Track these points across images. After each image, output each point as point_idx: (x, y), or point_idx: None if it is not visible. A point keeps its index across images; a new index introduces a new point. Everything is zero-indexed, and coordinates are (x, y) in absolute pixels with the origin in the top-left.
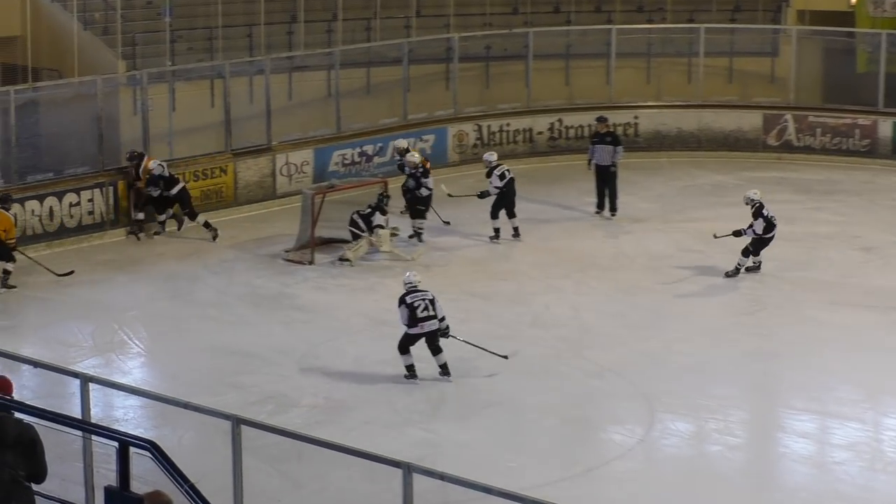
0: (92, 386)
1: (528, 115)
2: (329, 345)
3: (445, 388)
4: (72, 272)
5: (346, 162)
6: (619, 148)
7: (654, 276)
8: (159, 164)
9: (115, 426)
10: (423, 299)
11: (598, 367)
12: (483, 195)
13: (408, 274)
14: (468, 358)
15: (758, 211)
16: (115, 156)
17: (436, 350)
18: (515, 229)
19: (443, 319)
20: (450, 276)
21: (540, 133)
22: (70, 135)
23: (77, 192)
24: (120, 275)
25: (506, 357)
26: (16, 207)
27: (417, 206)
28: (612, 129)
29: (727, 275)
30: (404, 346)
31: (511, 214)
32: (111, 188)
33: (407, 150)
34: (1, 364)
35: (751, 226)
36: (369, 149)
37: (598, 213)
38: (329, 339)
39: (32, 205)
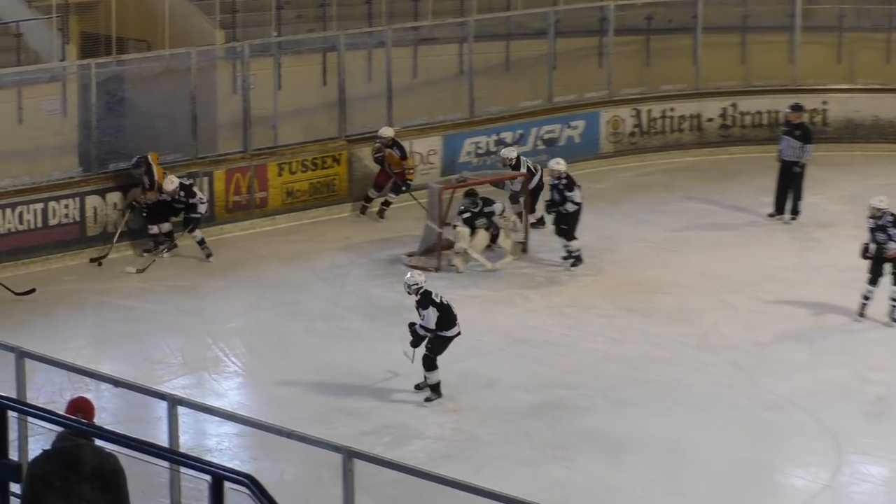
0: (181, 409)
1: (696, 99)
2: (458, 366)
3: (593, 419)
4: (32, 290)
5: (480, 151)
6: (808, 147)
7: (845, 292)
8: (181, 182)
9: (208, 457)
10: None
11: (777, 399)
12: (559, 210)
13: (410, 275)
14: (620, 385)
15: None
16: (211, 141)
17: None
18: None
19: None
20: (601, 287)
21: (710, 120)
22: (159, 116)
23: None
24: (214, 280)
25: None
26: (95, 199)
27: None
28: (803, 122)
29: None
30: (435, 355)
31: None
32: (206, 179)
33: (517, 160)
34: (78, 381)
35: None
36: (507, 136)
37: (774, 216)
38: (458, 359)
39: (114, 197)
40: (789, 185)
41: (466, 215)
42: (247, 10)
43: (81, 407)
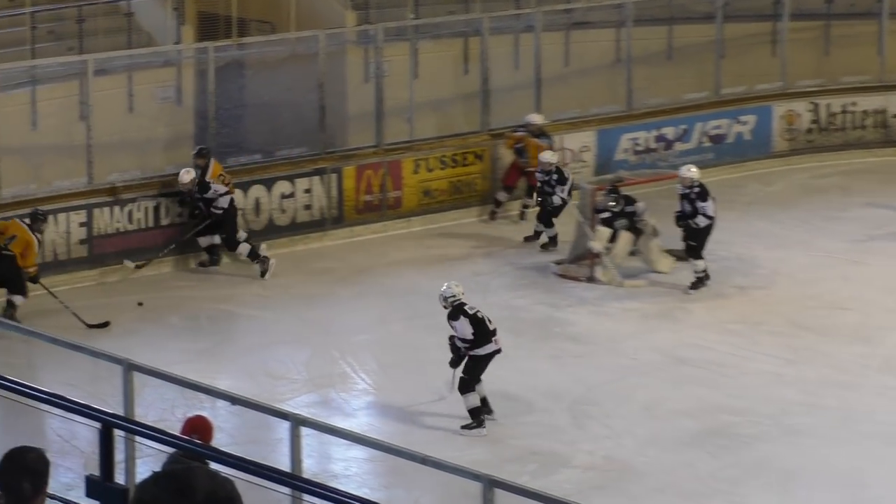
0: (305, 431)
1: (881, 92)
2: (612, 387)
3: (763, 449)
4: (107, 324)
5: (639, 148)
6: None
7: None
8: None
9: (334, 483)
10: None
11: None
12: (689, 223)
13: (447, 286)
14: (793, 411)
15: None
16: (340, 135)
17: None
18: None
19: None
20: (772, 301)
21: None
22: (283, 106)
23: (291, 179)
24: (343, 288)
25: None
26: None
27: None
28: None
29: None
30: (474, 376)
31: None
32: (335, 176)
33: (558, 168)
34: (192, 397)
35: None
36: (669, 132)
37: None
38: (612, 379)
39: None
40: None
41: (605, 215)
42: None
43: (198, 426)
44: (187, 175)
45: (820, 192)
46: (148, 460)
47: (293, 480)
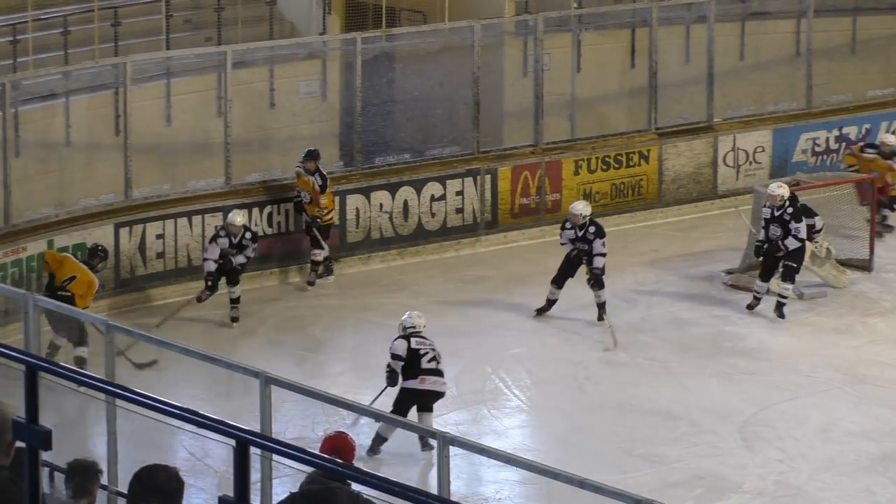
0: (454, 450)
1: None
2: (785, 407)
3: None
4: (154, 362)
5: (819, 149)
6: None
7: None
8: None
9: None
10: (432, 348)
11: None
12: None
13: (409, 315)
14: None
15: None
16: (495, 133)
17: (426, 414)
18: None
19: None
20: None
21: None
22: (435, 102)
23: (442, 181)
24: (496, 297)
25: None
26: (358, 199)
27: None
28: None
29: None
30: (397, 410)
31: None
32: (489, 177)
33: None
34: (333, 414)
35: None
36: (851, 131)
37: None
38: (787, 398)
39: (381, 196)
40: None
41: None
42: None
43: (339, 446)
44: (240, 217)
45: None
46: (285, 480)
47: (440, 503)
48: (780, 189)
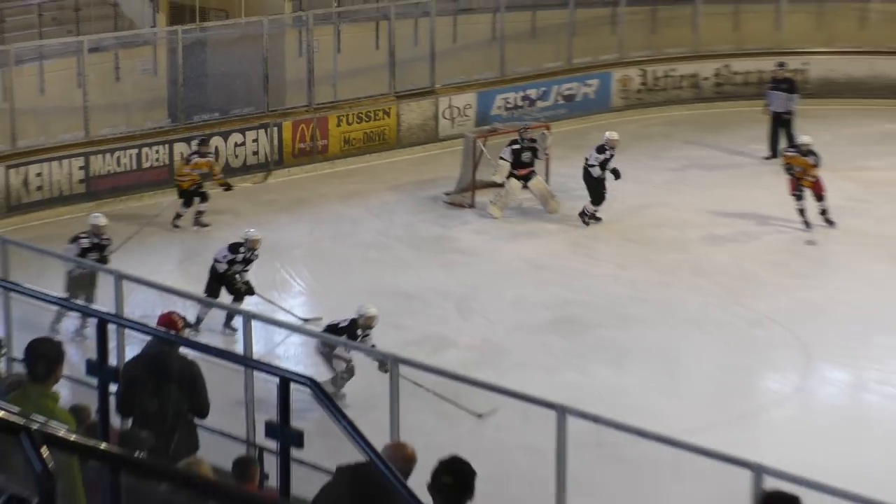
0: (255, 322)
1: (694, 61)
2: (488, 287)
3: (602, 332)
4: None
5: (509, 106)
6: (795, 96)
7: (819, 225)
8: None
9: (276, 363)
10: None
11: (758, 316)
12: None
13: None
14: (625, 304)
15: None
16: (280, 97)
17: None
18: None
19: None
20: (609, 223)
21: (706, 79)
22: (236, 75)
23: (242, 132)
24: (283, 215)
25: (479, 416)
26: (181, 146)
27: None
28: (788, 76)
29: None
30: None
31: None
32: (276, 129)
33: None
34: (167, 298)
35: None
36: (533, 93)
37: (769, 158)
38: (488, 282)
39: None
40: (781, 131)
41: (515, 146)
42: None
43: (169, 320)
44: (103, 219)
45: (647, 138)
46: (135, 346)
47: (245, 361)
48: (614, 133)
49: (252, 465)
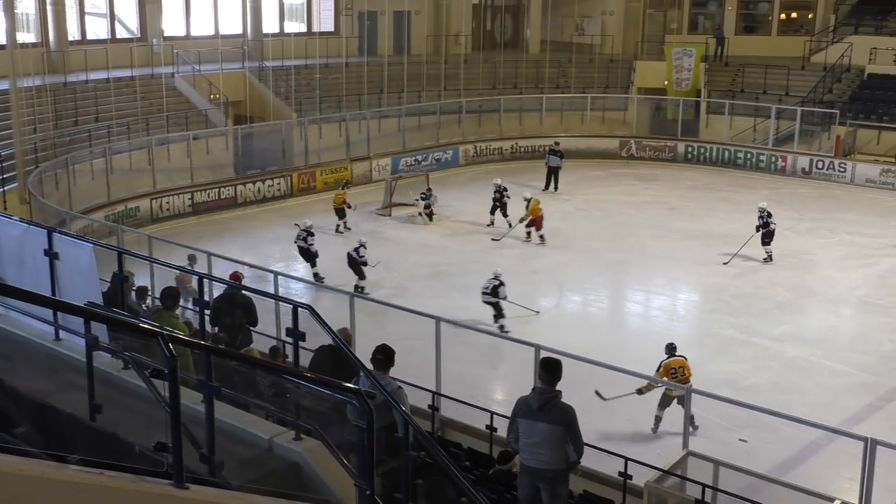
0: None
1: (500, 140)
2: (400, 257)
3: (462, 280)
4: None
5: (409, 164)
6: (562, 159)
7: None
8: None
9: (291, 296)
10: None
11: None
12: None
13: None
14: (468, 267)
15: None
16: (290, 161)
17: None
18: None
19: None
20: (441, 223)
21: (507, 150)
22: (267, 150)
23: (272, 178)
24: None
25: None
26: (241, 187)
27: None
28: (558, 148)
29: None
30: None
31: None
32: (289, 177)
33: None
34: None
35: None
36: (420, 157)
37: (544, 190)
38: (399, 253)
39: (250, 189)
40: (552, 177)
41: (423, 193)
42: (306, 100)
43: (236, 276)
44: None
45: (478, 180)
46: (217, 291)
47: (275, 298)
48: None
49: (279, 351)
